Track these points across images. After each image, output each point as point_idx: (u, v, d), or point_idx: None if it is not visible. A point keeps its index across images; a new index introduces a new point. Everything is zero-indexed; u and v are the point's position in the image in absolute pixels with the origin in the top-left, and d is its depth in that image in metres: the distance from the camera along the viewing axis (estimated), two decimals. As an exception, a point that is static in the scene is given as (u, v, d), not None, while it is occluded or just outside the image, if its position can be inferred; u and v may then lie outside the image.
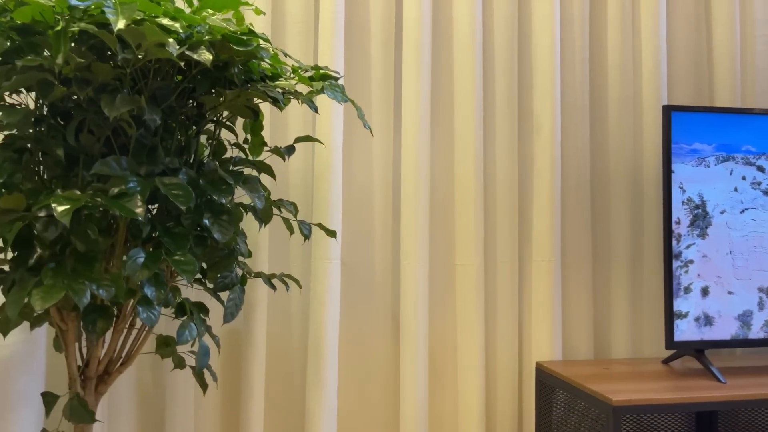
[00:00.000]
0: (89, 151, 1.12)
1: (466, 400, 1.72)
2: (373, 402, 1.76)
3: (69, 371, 1.21)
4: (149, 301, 1.08)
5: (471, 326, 1.74)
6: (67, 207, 0.91)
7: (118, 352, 1.26)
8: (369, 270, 1.76)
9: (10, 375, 1.43)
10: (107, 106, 0.99)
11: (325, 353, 1.61)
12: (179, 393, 1.56)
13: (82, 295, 0.96)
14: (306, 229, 1.40)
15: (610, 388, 1.48)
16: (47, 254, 1.05)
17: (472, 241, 1.75)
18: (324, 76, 1.29)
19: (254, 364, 1.58)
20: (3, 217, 0.99)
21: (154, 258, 1.04)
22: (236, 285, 1.30)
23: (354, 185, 1.75)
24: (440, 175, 1.79)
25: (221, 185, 1.15)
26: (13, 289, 0.98)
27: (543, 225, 1.79)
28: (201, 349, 1.23)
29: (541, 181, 1.80)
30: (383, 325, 1.77)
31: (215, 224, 1.15)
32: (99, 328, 1.09)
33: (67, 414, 1.15)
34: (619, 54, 1.87)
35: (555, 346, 1.77)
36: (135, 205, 0.98)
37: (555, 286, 1.79)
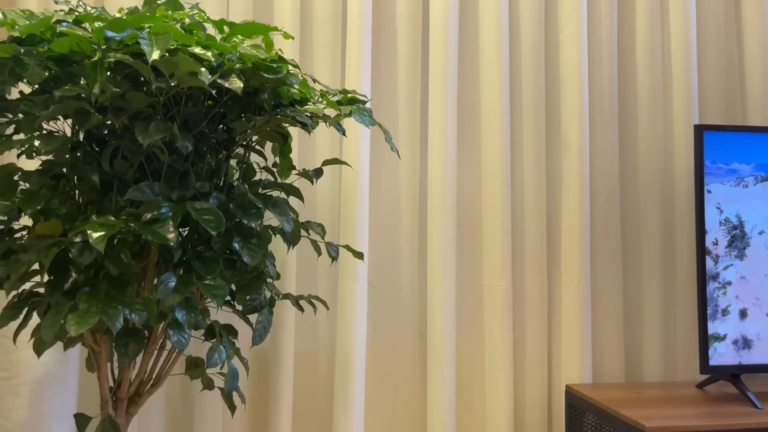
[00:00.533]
0: (123, 177, 1.15)
1: (494, 422, 1.70)
2: (400, 423, 1.74)
3: (101, 393, 1.22)
4: (180, 324, 1.09)
5: (499, 347, 1.72)
6: (102, 233, 0.93)
7: (148, 374, 1.28)
8: (396, 290, 1.76)
9: (44, 394, 1.46)
10: (141, 133, 1.02)
11: (352, 374, 1.61)
12: (208, 413, 1.56)
13: (115, 320, 0.98)
14: (333, 251, 1.41)
15: (643, 413, 1.45)
16: (82, 278, 1.07)
17: (499, 262, 1.74)
18: (352, 100, 1.30)
19: (282, 384, 1.58)
20: (40, 243, 1.02)
21: (185, 282, 1.06)
22: (265, 307, 1.30)
23: (381, 206, 1.75)
24: (467, 195, 1.79)
25: (251, 209, 1.17)
26: (49, 313, 1.00)
27: (572, 245, 1.77)
28: (230, 372, 1.24)
29: (569, 201, 1.78)
30: (410, 345, 1.76)
31: (245, 248, 1.16)
32: (131, 351, 1.11)
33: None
34: (648, 71, 1.85)
35: (585, 369, 1.74)
36: (167, 231, 1.00)
37: (584, 307, 1.76)
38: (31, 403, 1.44)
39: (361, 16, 1.67)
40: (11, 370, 1.44)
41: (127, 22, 1.00)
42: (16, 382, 1.44)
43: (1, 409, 1.43)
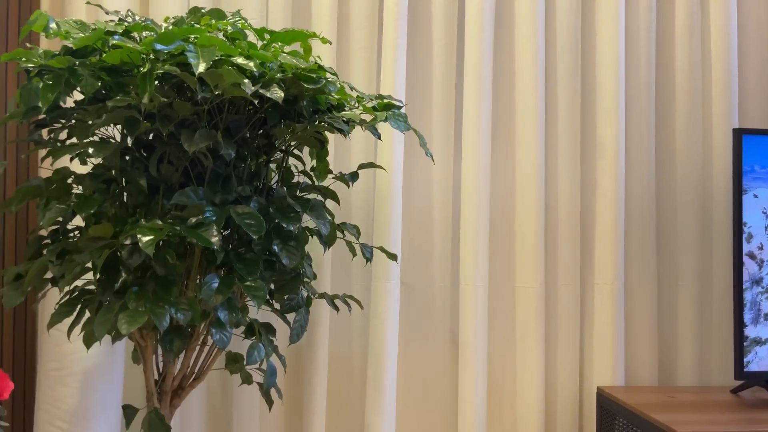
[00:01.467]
0: (169, 180, 1.20)
1: (525, 423, 1.72)
2: (431, 421, 1.78)
3: (147, 385, 1.29)
4: (222, 323, 1.14)
5: (530, 348, 1.73)
6: (151, 237, 0.98)
7: (191, 369, 1.33)
8: (428, 290, 1.79)
9: (92, 384, 1.53)
10: (187, 141, 1.06)
11: (384, 371, 1.64)
12: (245, 407, 1.62)
13: (162, 319, 1.03)
14: (368, 252, 1.44)
15: (675, 418, 1.45)
16: (131, 278, 1.12)
17: (532, 264, 1.75)
18: (387, 105, 1.33)
19: (317, 381, 1.63)
20: (93, 244, 1.08)
21: (227, 283, 1.10)
22: (302, 306, 1.35)
23: (414, 207, 1.78)
24: (500, 197, 1.80)
25: (290, 213, 1.21)
26: (101, 311, 1.06)
27: (605, 248, 1.77)
28: (269, 369, 1.29)
29: (603, 204, 1.78)
30: (442, 345, 1.79)
31: (284, 250, 1.20)
32: (176, 347, 1.17)
33: (146, 427, 1.23)
34: (686, 74, 1.83)
35: (617, 371, 1.75)
36: (211, 235, 1.05)
37: (617, 309, 1.76)
38: (80, 393, 1.51)
39: (397, 19, 1.69)
40: (61, 362, 1.51)
41: (175, 35, 1.05)
42: (65, 373, 1.51)
43: (51, 399, 1.51)
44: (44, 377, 1.50)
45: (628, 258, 1.81)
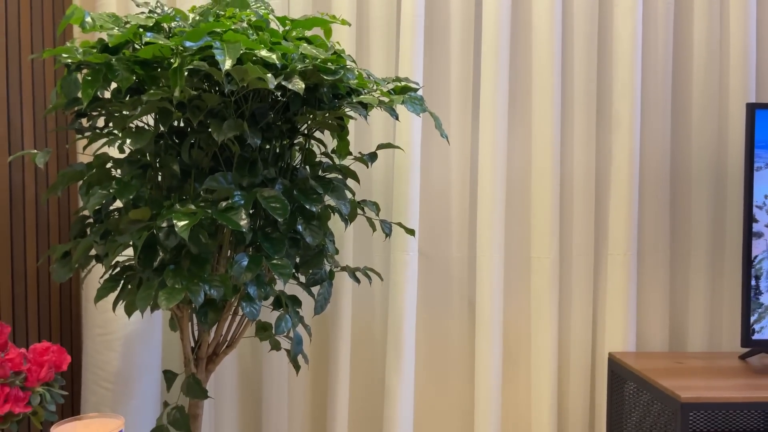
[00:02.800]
0: (199, 165, 1.29)
1: (539, 387, 1.81)
2: (449, 386, 1.88)
3: (184, 352, 1.40)
4: (251, 298, 1.24)
5: (545, 316, 1.81)
6: (186, 222, 1.07)
7: (224, 337, 1.44)
8: (446, 262, 1.86)
9: (133, 349, 1.65)
10: (216, 131, 1.14)
11: (403, 338, 1.74)
12: (274, 371, 1.74)
13: (197, 295, 1.13)
14: (387, 228, 1.52)
15: (680, 383, 1.52)
16: (168, 257, 1.22)
17: (547, 235, 1.81)
18: (404, 89, 1.38)
19: (340, 348, 1.74)
20: (133, 227, 1.17)
21: (256, 262, 1.19)
22: (325, 280, 1.44)
23: (432, 181, 1.84)
24: (517, 170, 1.85)
25: (312, 194, 1.29)
26: (142, 287, 1.17)
27: (619, 219, 1.82)
28: (295, 338, 1.39)
29: (618, 176, 1.82)
30: (459, 313, 1.87)
31: (307, 229, 1.28)
32: (210, 319, 1.27)
33: (185, 390, 1.35)
34: (704, 46, 1.84)
35: (629, 338, 1.82)
36: (240, 218, 1.13)
37: (630, 278, 1.82)
38: (123, 357, 1.63)
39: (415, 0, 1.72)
40: (105, 327, 1.63)
41: (202, 30, 1.11)
42: (110, 338, 1.63)
43: (97, 362, 1.63)
44: (90, 342, 1.63)
45: (642, 229, 1.86)
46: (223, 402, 1.79)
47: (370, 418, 1.87)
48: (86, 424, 1.11)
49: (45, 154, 1.20)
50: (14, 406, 0.76)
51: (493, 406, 1.77)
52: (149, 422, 1.62)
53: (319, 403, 1.86)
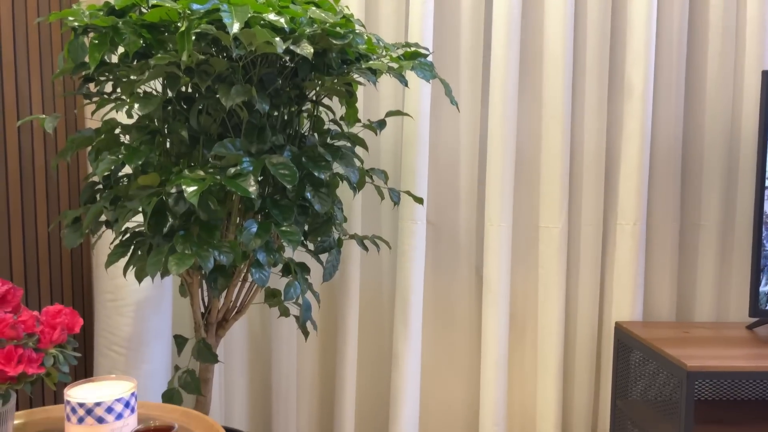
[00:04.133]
0: (208, 131, 1.28)
1: (545, 356, 1.82)
2: (456, 353, 1.90)
3: (194, 317, 1.42)
4: (261, 264, 1.24)
5: (552, 285, 1.81)
6: (195, 188, 1.07)
7: (233, 303, 1.46)
8: (454, 230, 1.86)
9: (144, 314, 1.67)
10: (224, 96, 1.13)
11: (410, 305, 1.75)
12: (284, 337, 1.76)
13: (207, 261, 1.14)
14: (395, 196, 1.51)
15: (687, 352, 1.52)
16: (177, 223, 1.23)
17: (556, 204, 1.80)
18: (414, 54, 1.36)
19: (348, 314, 1.75)
20: (142, 192, 1.18)
21: (265, 228, 1.20)
22: (334, 247, 1.44)
23: (441, 151, 1.83)
24: (527, 139, 1.84)
25: (321, 162, 1.28)
26: (152, 253, 1.17)
27: (629, 189, 1.81)
28: (304, 304, 1.40)
29: (629, 145, 1.80)
30: (467, 281, 1.88)
31: (316, 196, 1.28)
32: (219, 285, 1.28)
33: (195, 355, 1.36)
34: (720, 13, 1.80)
35: (635, 307, 1.82)
36: (249, 185, 1.13)
37: (639, 249, 1.81)
38: (134, 322, 1.65)
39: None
40: (115, 293, 1.65)
41: (209, -7, 1.10)
42: (120, 304, 1.65)
43: (108, 327, 1.65)
44: (101, 307, 1.65)
45: (652, 199, 1.85)
46: (233, 367, 1.82)
47: (378, 384, 1.90)
48: (99, 385, 1.13)
49: (53, 119, 1.20)
50: (28, 367, 0.77)
51: (500, 374, 1.79)
52: (161, 386, 1.65)
53: (327, 369, 1.88)
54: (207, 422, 1.17)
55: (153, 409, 1.24)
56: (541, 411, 1.84)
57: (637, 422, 1.67)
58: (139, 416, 1.20)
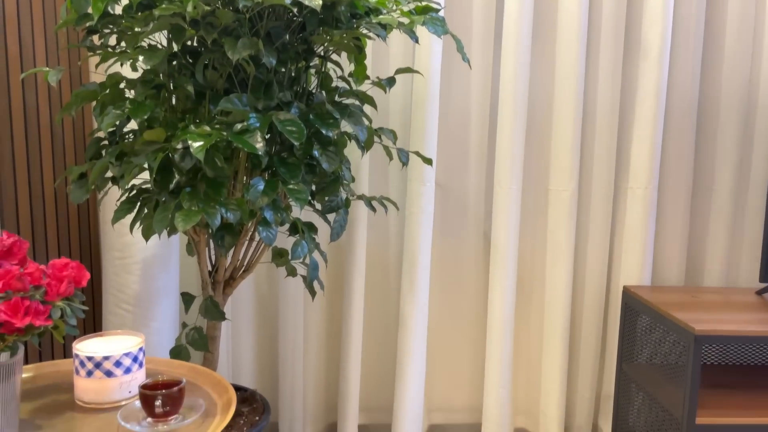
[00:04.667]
0: (214, 86, 1.26)
1: (552, 319, 1.82)
2: (462, 316, 1.90)
3: (202, 276, 1.42)
4: (268, 222, 1.23)
5: (560, 249, 1.80)
6: (201, 143, 1.05)
7: (240, 262, 1.45)
8: (463, 192, 1.85)
9: (151, 273, 1.67)
10: (230, 49, 1.11)
11: (417, 267, 1.75)
12: (290, 297, 1.76)
13: (214, 218, 1.13)
14: (404, 156, 1.49)
15: (695, 316, 1.52)
16: (184, 179, 1.21)
17: (567, 167, 1.78)
18: (425, 9, 1.32)
19: (355, 275, 1.75)
20: (147, 148, 1.16)
21: (272, 186, 1.18)
22: (341, 207, 1.43)
23: (451, 111, 1.80)
24: (539, 100, 1.80)
25: (328, 119, 1.26)
26: (159, 209, 1.16)
27: (641, 152, 1.78)
28: (311, 263, 1.40)
29: (643, 107, 1.76)
30: (474, 244, 1.87)
31: (324, 155, 1.26)
32: (226, 243, 1.27)
33: (203, 312, 1.37)
34: (743, -30, 1.74)
35: (644, 272, 1.81)
36: (256, 141, 1.11)
37: (649, 213, 1.79)
38: (142, 280, 1.66)
39: None
40: (123, 251, 1.65)
41: (215, -58, 1.06)
42: (128, 262, 1.65)
43: (117, 284, 1.66)
44: (109, 265, 1.65)
45: (664, 162, 1.82)
46: (240, 326, 1.83)
47: (384, 345, 1.91)
48: (107, 340, 1.13)
49: (57, 72, 1.17)
50: (34, 319, 0.77)
51: (505, 336, 1.80)
52: (169, 343, 1.66)
53: (334, 330, 1.89)
54: (214, 378, 1.17)
55: (161, 365, 1.25)
56: (546, 374, 1.85)
57: (642, 385, 1.68)
58: (147, 372, 1.21)
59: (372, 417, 1.96)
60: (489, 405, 1.83)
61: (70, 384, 1.16)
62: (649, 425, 1.66)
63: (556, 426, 1.84)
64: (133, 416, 1.02)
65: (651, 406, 1.66)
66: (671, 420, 1.54)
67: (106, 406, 1.07)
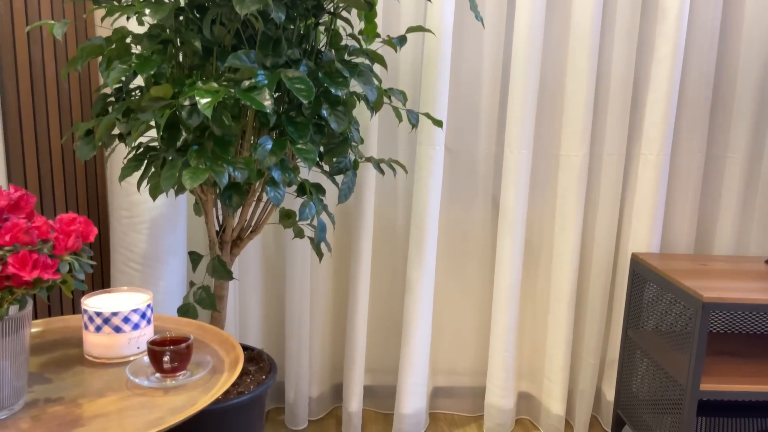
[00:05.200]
0: (222, 43, 1.23)
1: (559, 285, 1.82)
2: (469, 280, 1.90)
3: (209, 235, 1.41)
4: (276, 182, 1.22)
5: (569, 215, 1.79)
6: (209, 100, 1.04)
7: (248, 222, 1.45)
8: (472, 156, 1.83)
9: (159, 233, 1.68)
10: (239, 3, 1.08)
11: (425, 231, 1.74)
12: (297, 258, 1.76)
13: (222, 176, 1.12)
14: (414, 118, 1.47)
15: (703, 284, 1.51)
16: (191, 137, 1.20)
17: (579, 132, 1.75)
18: (439, -35, 1.28)
19: (362, 238, 1.74)
20: (154, 104, 1.14)
21: (280, 145, 1.17)
22: (349, 169, 1.42)
23: (463, 72, 1.77)
24: (552, 63, 1.77)
25: (338, 78, 1.23)
26: (166, 167, 1.15)
27: (655, 118, 1.74)
28: (319, 225, 1.39)
29: (659, 71, 1.73)
30: (483, 209, 1.86)
31: (332, 115, 1.25)
32: (234, 202, 1.26)
33: (210, 271, 1.37)
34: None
35: (653, 239, 1.80)
36: (264, 98, 1.09)
37: (660, 179, 1.77)
38: (149, 239, 1.66)
39: None
40: (131, 210, 1.65)
41: None
42: (136, 221, 1.66)
43: (125, 243, 1.67)
44: (117, 224, 1.65)
45: (678, 129, 1.79)
46: (247, 287, 1.84)
47: (390, 307, 1.92)
48: (116, 297, 1.14)
49: (62, 25, 1.15)
50: (43, 272, 0.77)
51: (511, 301, 1.80)
52: (176, 302, 1.68)
53: (340, 292, 1.90)
54: (222, 336, 1.18)
55: (169, 323, 1.26)
56: (551, 338, 1.85)
57: (648, 352, 1.68)
58: (155, 329, 1.22)
59: (377, 378, 1.98)
60: (493, 369, 1.85)
61: (79, 339, 1.17)
62: (653, 391, 1.67)
63: (560, 390, 1.85)
64: (142, 371, 1.02)
65: (655, 373, 1.66)
66: (675, 386, 1.54)
67: (114, 361, 1.08)
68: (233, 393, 1.39)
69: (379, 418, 1.97)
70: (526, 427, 1.96)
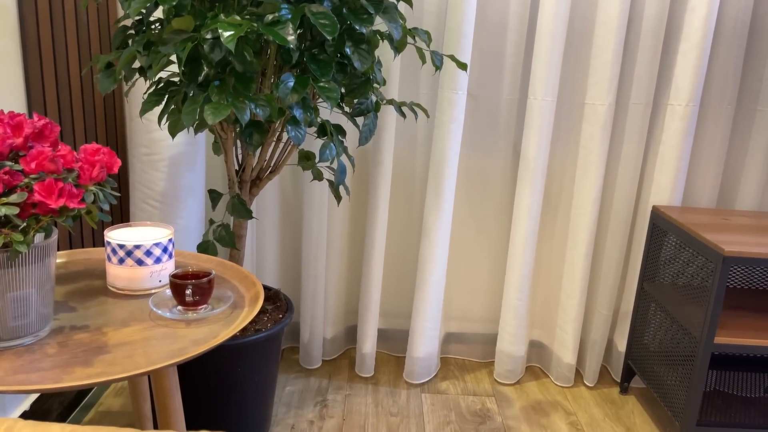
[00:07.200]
0: (244, -25, 1.20)
1: (576, 232, 1.81)
2: (486, 228, 1.90)
3: (228, 174, 1.41)
4: (297, 121, 1.21)
5: (591, 165, 1.76)
6: (232, 33, 1.01)
7: (267, 162, 1.44)
8: (495, 103, 1.79)
9: (178, 171, 1.68)
10: (262, -68, 1.04)
11: (444, 177, 1.72)
12: (315, 201, 1.76)
13: (243, 113, 1.10)
14: (438, 59, 1.43)
15: (725, 238, 1.49)
16: (212, 72, 1.18)
17: (605, 81, 1.70)
18: None
19: (381, 181, 1.73)
20: (176, 37, 1.12)
21: (302, 83, 1.15)
22: (371, 111, 1.40)
23: (489, 14, 1.72)
24: (581, 7, 1.71)
25: (362, 14, 1.20)
26: (187, 102, 1.14)
27: (686, 67, 1.69)
28: (339, 167, 1.38)
29: (692, 19, 1.66)
30: (503, 157, 1.84)
31: (356, 53, 1.22)
32: (255, 140, 1.25)
33: (230, 209, 1.37)
34: None
35: (675, 192, 1.77)
36: (287, 33, 1.07)
37: (687, 131, 1.73)
38: (168, 177, 1.67)
39: None
40: (150, 147, 1.65)
41: None
42: (155, 158, 1.66)
43: (144, 180, 1.67)
44: (137, 161, 1.66)
45: (709, 79, 1.74)
46: (265, 227, 1.85)
47: (406, 252, 1.93)
48: (138, 230, 1.15)
49: (82, -47, 1.12)
50: (68, 200, 0.77)
51: (528, 250, 1.79)
52: (195, 240, 1.69)
53: (357, 235, 1.91)
54: (242, 273, 1.19)
55: (189, 258, 1.27)
56: (566, 288, 1.86)
57: (662, 305, 1.69)
58: (176, 264, 1.23)
59: (390, 322, 2.01)
60: (506, 316, 1.86)
61: (102, 271, 1.18)
62: (666, 343, 1.68)
63: (572, 340, 1.87)
64: (164, 304, 1.04)
65: (669, 325, 1.67)
66: (689, 339, 1.55)
67: (137, 293, 1.10)
68: (251, 330, 1.42)
69: (392, 360, 2.01)
70: (536, 374, 1.99)
